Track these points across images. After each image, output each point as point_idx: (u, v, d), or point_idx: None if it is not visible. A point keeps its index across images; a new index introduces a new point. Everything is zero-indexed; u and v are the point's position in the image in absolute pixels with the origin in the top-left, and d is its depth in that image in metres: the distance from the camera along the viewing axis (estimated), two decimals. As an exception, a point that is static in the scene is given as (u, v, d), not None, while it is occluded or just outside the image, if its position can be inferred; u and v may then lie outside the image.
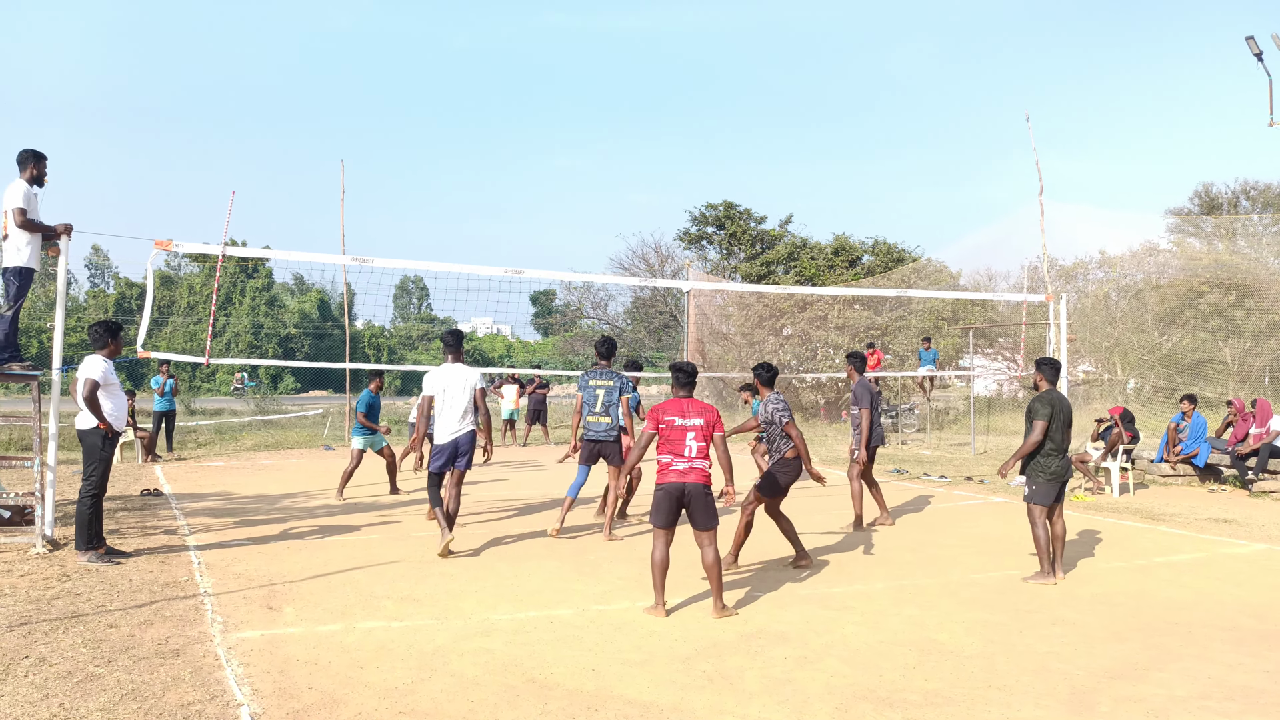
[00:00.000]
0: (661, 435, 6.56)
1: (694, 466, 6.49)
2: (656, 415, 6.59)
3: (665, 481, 6.53)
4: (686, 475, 6.48)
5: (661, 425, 6.56)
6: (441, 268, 12.01)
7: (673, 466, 6.52)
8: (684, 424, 6.52)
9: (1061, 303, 14.51)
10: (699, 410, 6.59)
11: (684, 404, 6.63)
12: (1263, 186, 42.86)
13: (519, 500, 12.16)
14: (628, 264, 40.31)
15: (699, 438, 6.53)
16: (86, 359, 7.90)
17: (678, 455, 6.51)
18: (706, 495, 6.54)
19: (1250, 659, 5.70)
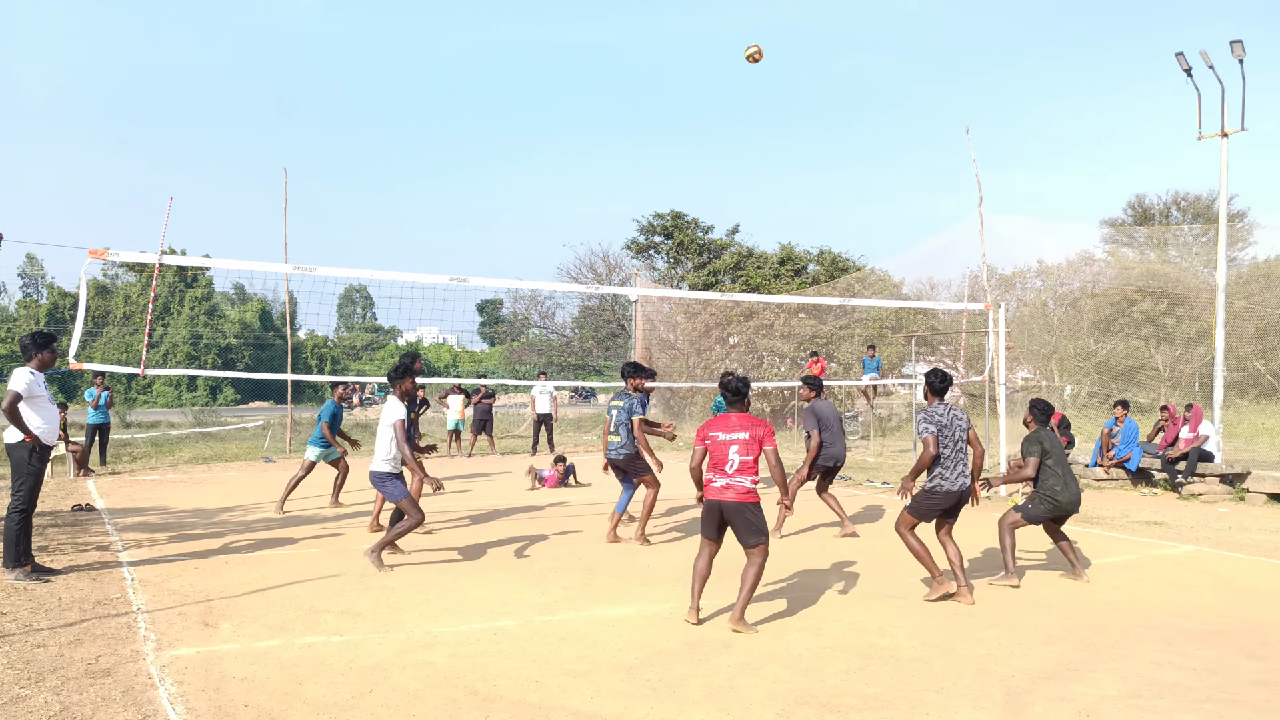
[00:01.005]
0: (709, 450, 6.53)
1: (731, 483, 6.41)
2: (703, 432, 6.60)
3: (706, 497, 6.55)
4: (723, 492, 6.42)
5: (707, 440, 6.54)
6: (385, 276, 11.88)
7: (713, 483, 6.49)
8: (727, 438, 6.45)
9: (1000, 311, 14.81)
10: (745, 424, 6.50)
11: (730, 418, 6.57)
12: (1193, 198, 44.24)
13: (463, 512, 12.06)
14: (575, 273, 40.28)
15: (743, 451, 6.41)
16: (15, 371, 7.69)
17: (719, 471, 6.47)
18: (744, 511, 6.42)
19: (1179, 658, 5.86)
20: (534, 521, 11.22)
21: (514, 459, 19.83)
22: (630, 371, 10.02)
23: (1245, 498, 13.07)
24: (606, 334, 40.08)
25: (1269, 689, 5.25)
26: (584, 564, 8.63)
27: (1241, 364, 29.69)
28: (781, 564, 8.75)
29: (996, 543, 8.29)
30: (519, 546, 9.50)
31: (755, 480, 6.46)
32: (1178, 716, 4.82)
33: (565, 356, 41.70)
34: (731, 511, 6.43)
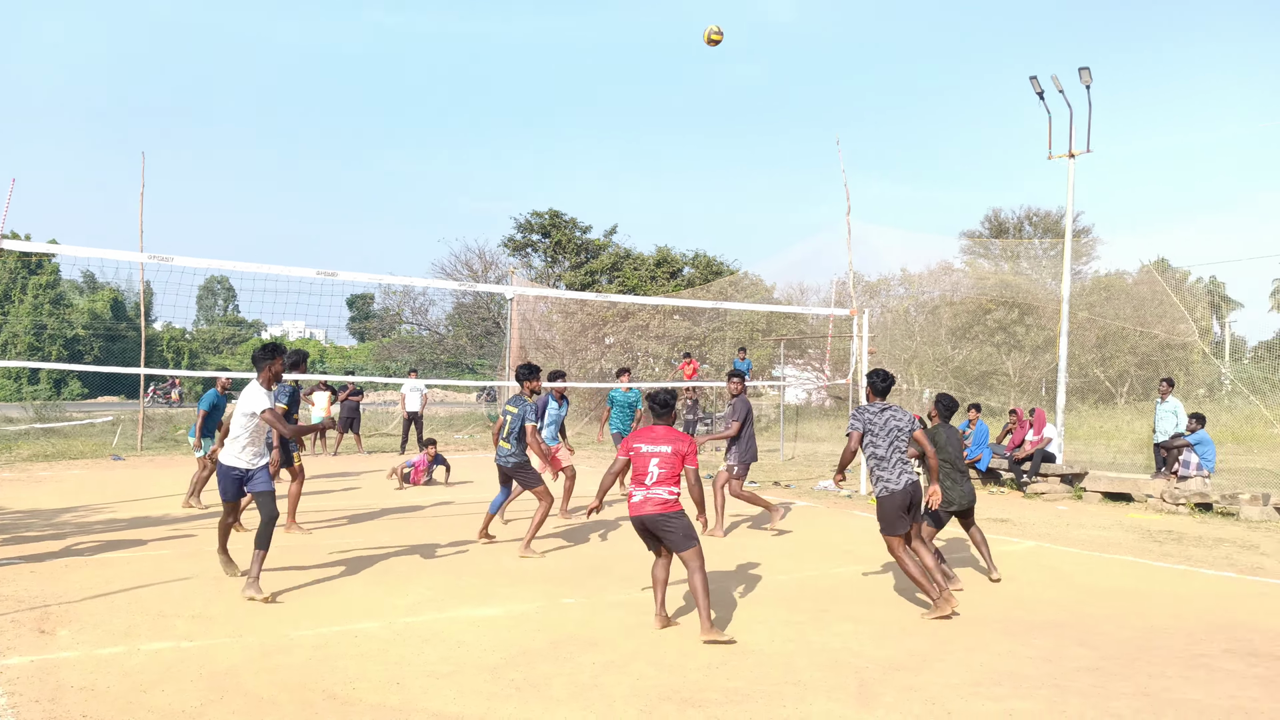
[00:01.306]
0: (632, 462, 6.49)
1: (649, 496, 6.36)
2: (627, 443, 6.57)
3: (630, 514, 6.50)
4: (643, 506, 6.39)
5: (631, 452, 6.51)
6: (250, 268, 11.45)
7: (633, 498, 6.45)
8: (650, 450, 6.42)
9: (865, 317, 15.35)
10: (669, 438, 6.46)
11: (655, 431, 6.54)
12: (1044, 214, 46.84)
13: (327, 512, 11.74)
14: (450, 269, 39.70)
15: (663, 465, 6.36)
16: None
17: (639, 484, 6.43)
18: (669, 520, 6.35)
19: (1019, 647, 6.20)
20: (400, 522, 11.01)
21: (382, 457, 19.40)
22: (525, 374, 9.35)
23: (1083, 496, 13.92)
24: (481, 332, 39.65)
25: (1097, 675, 5.62)
26: (450, 565, 8.53)
27: (1083, 370, 31.66)
28: (646, 564, 8.85)
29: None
30: (383, 547, 9.31)
31: (674, 491, 6.41)
32: (1015, 702, 5.11)
33: (438, 354, 41.07)
34: (656, 523, 6.38)
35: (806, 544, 10.06)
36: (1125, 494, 13.65)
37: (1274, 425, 20.14)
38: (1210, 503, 12.48)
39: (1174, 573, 8.78)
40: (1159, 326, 31.03)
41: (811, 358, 34.44)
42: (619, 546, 9.66)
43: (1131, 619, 7.04)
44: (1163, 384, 15.14)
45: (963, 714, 4.90)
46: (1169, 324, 30.94)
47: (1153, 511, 12.72)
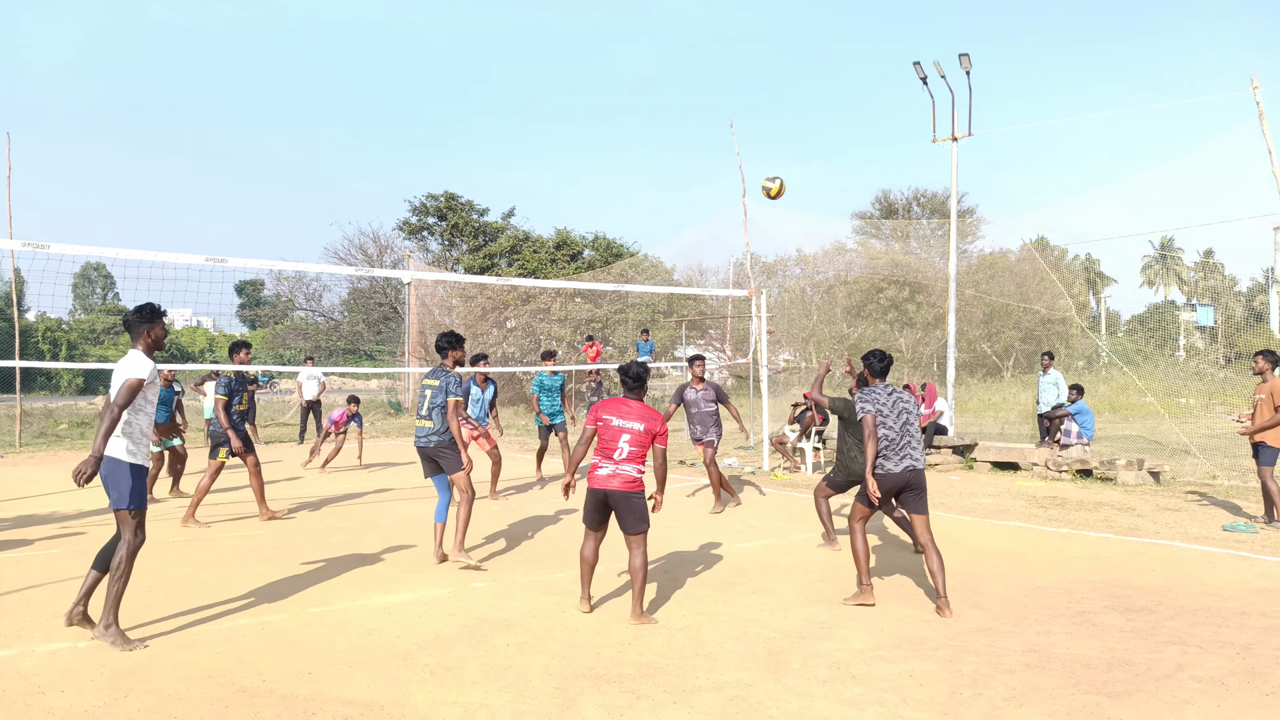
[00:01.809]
0: (599, 433, 6.34)
1: (618, 472, 6.24)
2: (596, 412, 6.40)
3: (590, 485, 6.34)
4: (609, 481, 6.24)
5: (600, 422, 6.34)
6: (134, 255, 11.02)
7: (598, 470, 6.29)
8: (621, 425, 6.27)
9: (763, 297, 15.65)
10: (642, 415, 6.32)
11: (628, 405, 6.38)
12: (930, 195, 48.34)
13: (227, 503, 11.42)
14: (344, 253, 38.71)
15: (634, 442, 6.25)
16: None
17: (606, 458, 6.28)
18: (631, 499, 6.24)
19: (916, 611, 6.49)
20: (305, 512, 10.80)
21: (279, 448, 18.94)
22: (447, 344, 8.27)
23: (973, 466, 14.53)
24: (378, 317, 38.85)
25: (989, 634, 5.92)
26: (358, 553, 8.43)
27: (971, 346, 32.90)
28: (556, 544, 8.91)
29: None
30: (288, 537, 9.14)
31: (641, 470, 6.33)
32: (914, 663, 5.35)
33: (334, 340, 40.09)
34: (618, 500, 6.25)
35: (713, 520, 10.26)
36: (1013, 463, 14.30)
37: (1146, 395, 21.33)
38: (1090, 469, 13.19)
39: (1058, 536, 9.27)
40: (1040, 302, 32.45)
41: (713, 338, 34.90)
42: (525, 528, 9.69)
43: (1019, 580, 7.42)
44: (1044, 357, 15.88)
45: (866, 676, 5.12)
46: (1049, 300, 32.39)
47: (1038, 479, 13.36)
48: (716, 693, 4.88)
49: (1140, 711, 4.61)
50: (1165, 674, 5.15)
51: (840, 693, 4.88)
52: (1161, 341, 46.42)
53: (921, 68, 16.34)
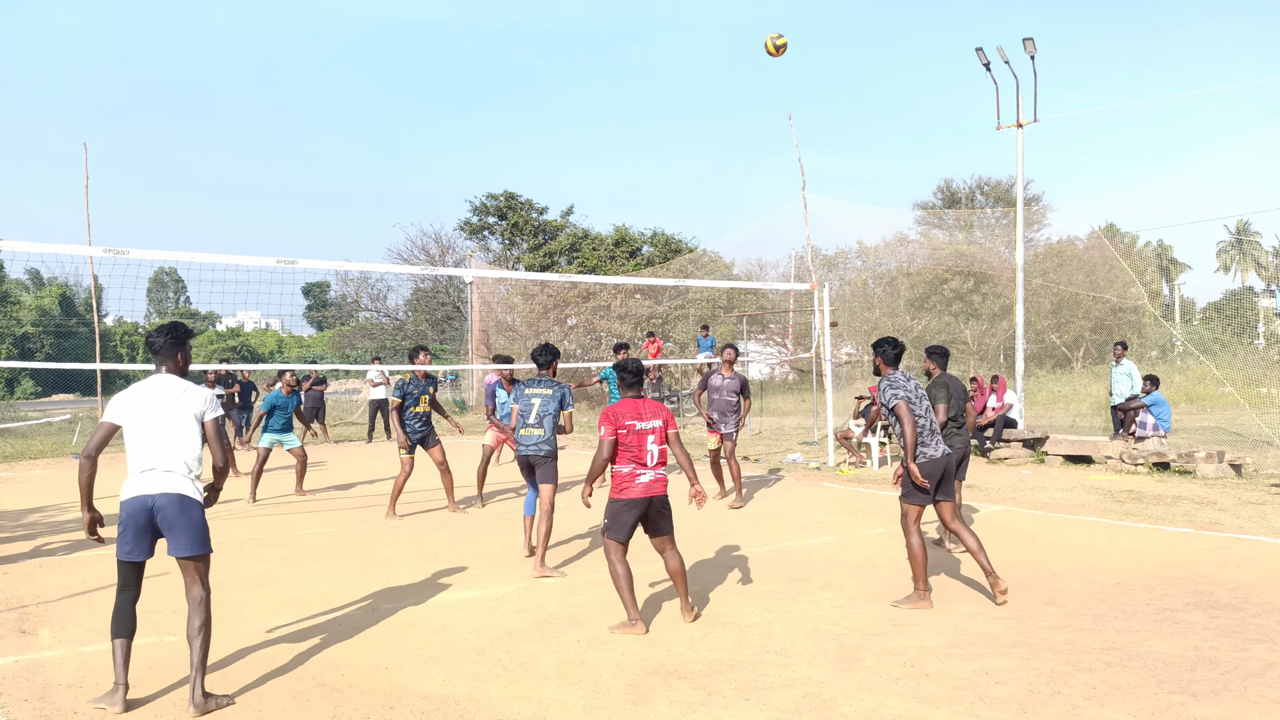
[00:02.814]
0: (621, 441, 6.05)
1: (659, 476, 6.08)
2: (615, 420, 6.06)
3: (630, 495, 6.01)
4: (654, 488, 6.05)
5: (621, 430, 6.04)
6: (208, 259, 11.31)
7: (639, 479, 6.02)
8: (644, 428, 6.05)
9: (825, 290, 15.50)
10: (654, 411, 6.16)
11: (640, 405, 6.14)
12: (994, 183, 47.38)
13: (298, 501, 11.70)
14: (407, 254, 39.35)
15: (658, 441, 6.10)
16: None
17: (640, 464, 6.03)
18: (667, 501, 6.17)
19: (989, 608, 6.38)
20: (374, 510, 11.00)
21: (348, 446, 19.32)
22: (552, 356, 8.29)
23: (1044, 460, 14.24)
24: (441, 316, 39.39)
25: (1067, 632, 5.80)
26: (428, 550, 8.56)
27: (1039, 337, 32.21)
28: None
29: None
30: (360, 535, 9.32)
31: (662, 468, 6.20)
32: (990, 661, 5.27)
33: (399, 340, 40.73)
34: (660, 505, 6.11)
35: (779, 516, 10.22)
36: (1085, 456, 13.98)
37: (1225, 385, 20.69)
38: (1167, 462, 12.84)
39: (1135, 531, 9.05)
40: (1111, 291, 31.65)
41: (773, 333, 34.69)
42: (588, 526, 9.75)
43: (1097, 576, 7.26)
44: (1117, 347, 15.48)
45: (940, 674, 5.05)
46: (1120, 288, 31.58)
47: (1112, 472, 13.05)
48: (788, 690, 4.87)
49: (1227, 711, 4.48)
50: (1253, 672, 4.99)
51: (914, 690, 4.82)
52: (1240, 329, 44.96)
53: (984, 54, 16.04)
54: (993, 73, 16.18)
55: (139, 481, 4.81)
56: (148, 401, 4.90)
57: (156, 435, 4.82)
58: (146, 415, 4.85)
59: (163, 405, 4.88)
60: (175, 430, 4.84)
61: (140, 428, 4.83)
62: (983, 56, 16.06)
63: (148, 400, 4.90)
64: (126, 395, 4.94)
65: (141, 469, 4.82)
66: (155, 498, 4.78)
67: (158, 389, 4.95)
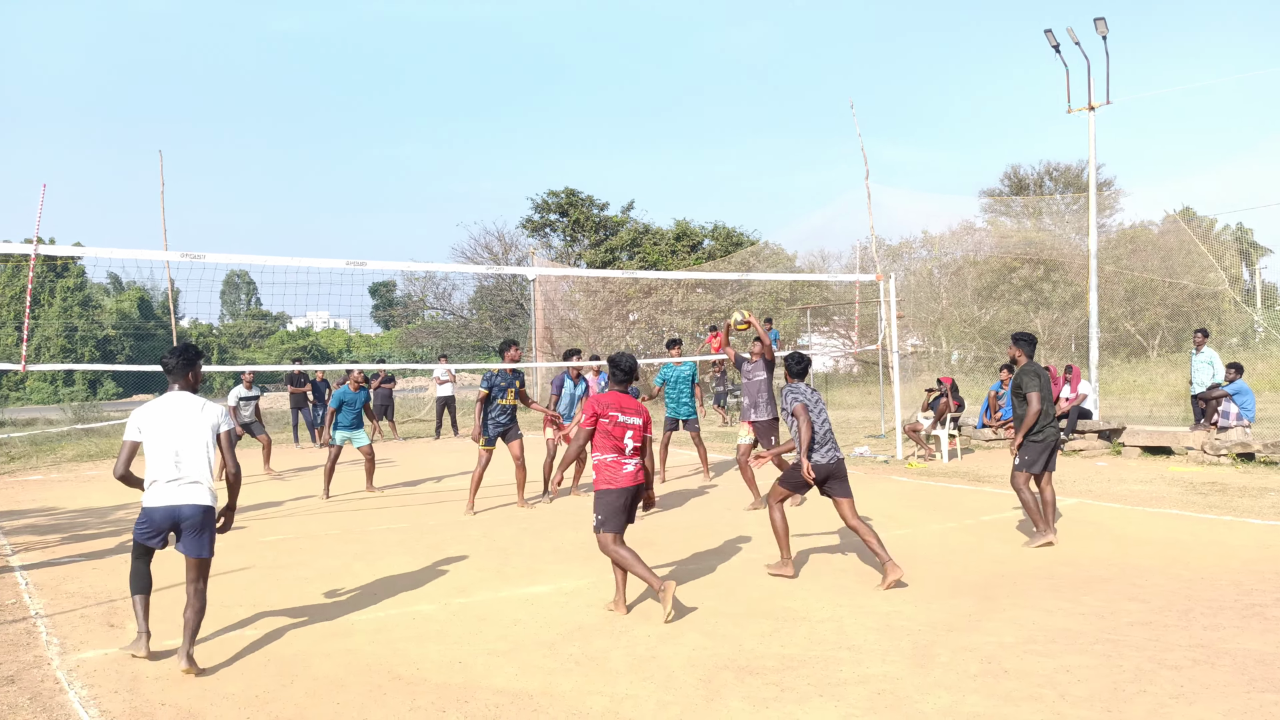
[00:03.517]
0: (601, 430, 6.27)
1: (641, 466, 6.35)
2: (599, 409, 6.27)
3: (618, 485, 6.27)
4: (637, 476, 6.33)
5: (604, 420, 6.26)
6: (280, 261, 11.55)
7: (624, 469, 6.28)
8: (626, 421, 6.29)
9: (890, 281, 15.29)
10: (638, 409, 6.40)
11: (623, 399, 6.40)
12: (1064, 168, 46.24)
13: (369, 498, 11.91)
14: (470, 253, 39.80)
15: (636, 436, 6.33)
16: None
17: (622, 454, 6.28)
18: (641, 491, 6.43)
19: (1068, 604, 6.24)
20: (443, 505, 11.15)
21: (417, 443, 19.60)
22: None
23: (1121, 451, 13.87)
24: (505, 313, 39.77)
25: (1150, 628, 5.65)
26: (497, 545, 8.65)
27: (1113, 325, 31.37)
28: (683, 536, 8.93)
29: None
30: (431, 530, 9.45)
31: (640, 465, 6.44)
32: (1071, 658, 5.15)
33: (464, 338, 41.23)
34: (638, 495, 6.42)
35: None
36: (1165, 447, 13.59)
37: (1311, 371, 19.92)
38: (1252, 452, 12.41)
39: (1220, 524, 8.76)
40: (1188, 276, 30.68)
41: (837, 325, 34.32)
42: (658, 520, 9.75)
43: (1180, 571, 7.05)
44: (1197, 335, 15.01)
45: (1019, 672, 4.95)
46: (1198, 273, 30.59)
47: (1194, 464, 12.66)
48: (863, 686, 4.81)
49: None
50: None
51: (993, 688, 4.73)
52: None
53: (1054, 35, 15.65)
54: (1063, 55, 15.79)
55: (166, 491, 5.28)
56: (169, 417, 5.36)
57: (180, 448, 5.30)
58: (169, 429, 5.32)
59: (184, 420, 5.36)
60: (198, 444, 5.34)
61: (163, 441, 5.30)
62: (1052, 38, 15.68)
63: (169, 416, 5.37)
64: (146, 411, 5.40)
65: (168, 479, 5.28)
66: (182, 508, 5.30)
67: (177, 405, 5.42)
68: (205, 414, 5.39)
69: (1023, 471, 8.20)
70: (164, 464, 5.25)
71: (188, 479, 5.26)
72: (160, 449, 5.27)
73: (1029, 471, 8.17)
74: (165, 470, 5.25)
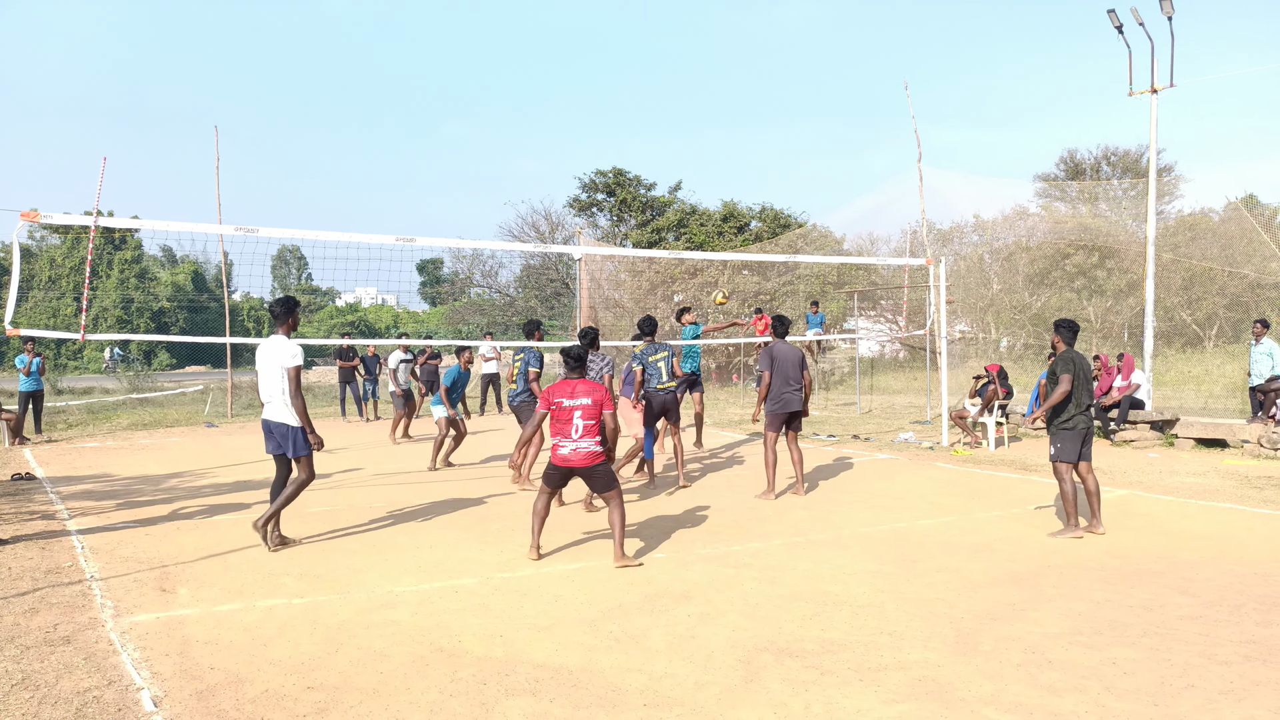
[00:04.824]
0: (552, 415, 7.00)
1: (578, 449, 6.95)
2: (547, 397, 7.02)
3: (553, 462, 7.06)
4: (569, 459, 6.96)
5: (552, 406, 6.99)
6: (332, 237, 11.68)
7: (559, 450, 7.01)
8: (571, 404, 6.92)
9: (941, 266, 15.08)
10: (587, 390, 6.97)
11: (573, 385, 7.01)
12: (1122, 153, 45.18)
13: (415, 472, 12.05)
14: (517, 231, 40.00)
15: (586, 416, 6.92)
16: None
17: (564, 436, 6.97)
18: (595, 470, 7.02)
19: (1115, 596, 6.14)
20: (486, 481, 11.25)
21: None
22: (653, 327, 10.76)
23: (1174, 443, 13.59)
24: (550, 293, 39.93)
25: (1200, 623, 5.54)
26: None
27: (1169, 314, 30.66)
28: (726, 518, 8.92)
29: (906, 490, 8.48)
30: (474, 506, 9.54)
31: (599, 441, 7.03)
32: (1117, 650, 5.07)
33: (509, 316, 41.47)
34: (583, 473, 7.02)
35: (890, 496, 10.03)
36: (1220, 440, 13.29)
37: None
38: (1310, 447, 12.09)
39: (1276, 519, 8.56)
40: (1249, 266, 29.83)
41: (884, 309, 33.97)
42: (699, 499, 9.75)
43: (1233, 566, 6.90)
44: (1257, 325, 14.61)
45: (1064, 663, 4.89)
46: (1259, 263, 29.73)
47: (1249, 457, 12.37)
48: (904, 672, 4.78)
49: (1382, 713, 4.20)
50: None
51: (1036, 678, 4.67)
52: (1393, 306, 41.87)
53: (1116, 15, 15.25)
54: (1125, 36, 15.38)
55: (265, 409, 7.48)
56: (265, 354, 7.45)
57: (267, 378, 7.41)
58: (264, 363, 7.43)
59: (272, 357, 7.37)
60: (275, 375, 7.35)
61: (261, 372, 7.47)
62: (1115, 19, 15.28)
63: (265, 353, 7.45)
64: (259, 347, 7.53)
65: (266, 400, 7.47)
66: (270, 423, 7.45)
67: (270, 346, 7.45)
68: (281, 352, 7.32)
69: (1061, 461, 8.12)
70: (262, 390, 7.45)
71: (274, 402, 7.37)
72: (260, 378, 7.47)
73: (1066, 460, 8.13)
74: (263, 394, 7.46)
